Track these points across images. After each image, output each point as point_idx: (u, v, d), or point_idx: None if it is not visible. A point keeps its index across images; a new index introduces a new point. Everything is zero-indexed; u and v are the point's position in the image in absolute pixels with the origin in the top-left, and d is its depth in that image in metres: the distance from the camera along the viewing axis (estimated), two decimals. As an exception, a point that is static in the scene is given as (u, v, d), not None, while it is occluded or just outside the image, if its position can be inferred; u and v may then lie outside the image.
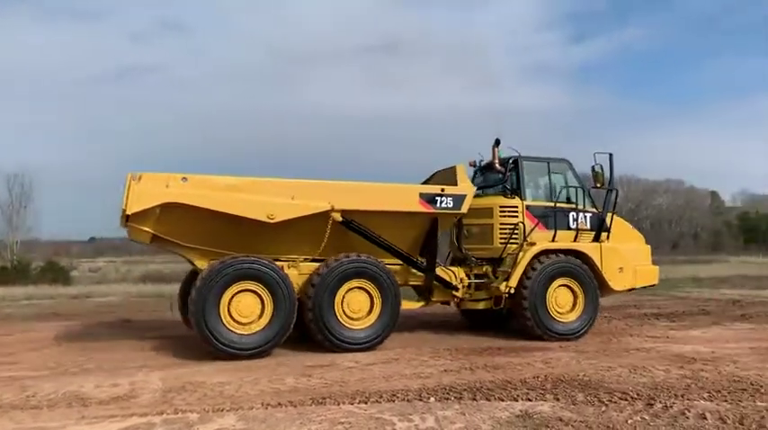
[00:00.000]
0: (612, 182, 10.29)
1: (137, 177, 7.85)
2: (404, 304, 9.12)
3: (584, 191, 10.20)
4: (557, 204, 9.94)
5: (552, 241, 9.77)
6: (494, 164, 10.11)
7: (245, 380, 6.63)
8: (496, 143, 10.08)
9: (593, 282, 9.73)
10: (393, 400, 5.77)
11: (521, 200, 9.85)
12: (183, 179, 8.03)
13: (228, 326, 7.84)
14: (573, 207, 10.04)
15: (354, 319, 8.54)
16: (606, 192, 10.30)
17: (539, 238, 9.73)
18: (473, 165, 10.74)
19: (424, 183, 10.06)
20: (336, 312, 8.41)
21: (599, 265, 9.84)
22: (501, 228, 9.80)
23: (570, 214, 10.01)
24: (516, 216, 9.78)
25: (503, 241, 9.77)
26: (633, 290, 10.77)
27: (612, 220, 10.33)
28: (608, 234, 10.19)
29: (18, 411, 5.53)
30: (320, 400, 5.76)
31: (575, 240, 9.96)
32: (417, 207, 8.99)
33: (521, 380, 6.58)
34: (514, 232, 9.74)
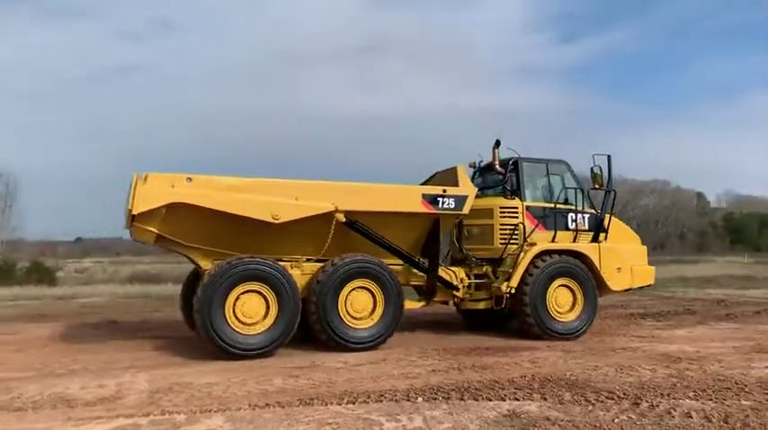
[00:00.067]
0: (611, 183, 10.38)
1: (143, 178, 7.84)
2: (405, 304, 9.13)
3: (582, 192, 10.29)
4: (556, 205, 10.01)
5: (552, 242, 9.84)
6: (494, 165, 10.17)
7: (232, 381, 6.60)
8: (496, 144, 10.13)
9: (591, 282, 9.82)
10: (381, 401, 5.77)
11: (521, 201, 9.92)
12: (188, 179, 8.02)
13: (233, 327, 7.85)
14: (572, 208, 10.11)
15: (358, 319, 8.57)
16: (605, 194, 10.39)
17: (539, 239, 9.80)
18: (472, 167, 10.80)
19: (424, 184, 10.09)
20: (340, 312, 8.43)
21: (598, 266, 9.91)
22: (501, 228, 9.86)
23: (569, 215, 10.09)
24: (516, 217, 9.85)
25: (503, 241, 9.84)
26: (630, 290, 10.87)
27: (610, 221, 10.41)
28: (606, 235, 10.28)
29: (3, 413, 5.47)
30: (308, 401, 5.74)
31: (574, 241, 10.04)
32: (420, 208, 9.01)
33: (508, 379, 6.60)
34: (515, 233, 9.80)
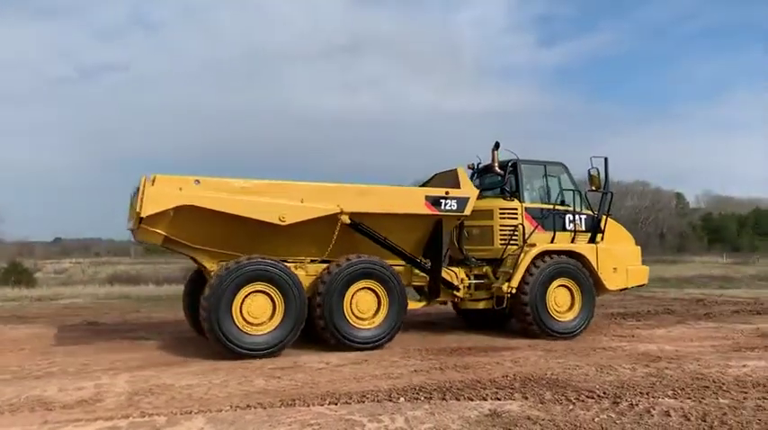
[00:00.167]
0: (608, 185, 10.53)
1: (151, 180, 7.83)
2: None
3: (580, 193, 10.42)
4: (555, 206, 10.11)
5: (551, 243, 9.93)
6: (493, 167, 10.26)
7: (213, 383, 6.55)
8: (496, 146, 10.23)
9: (589, 282, 9.94)
10: (363, 401, 5.76)
11: (520, 202, 10.03)
12: (196, 182, 8.06)
13: (240, 327, 7.89)
14: (570, 209, 10.24)
15: (362, 319, 8.62)
16: (601, 195, 10.52)
17: (538, 240, 9.91)
18: (471, 168, 10.88)
19: (424, 186, 10.18)
20: (345, 312, 8.50)
21: (595, 266, 10.06)
22: (501, 229, 9.98)
23: (567, 216, 10.23)
24: (516, 218, 9.96)
25: (503, 242, 9.94)
26: (625, 289, 11.04)
27: (606, 222, 10.53)
28: (602, 235, 10.41)
29: (-22, 416, 5.38)
30: (290, 402, 5.72)
31: (572, 242, 10.16)
32: (423, 209, 9.10)
33: (490, 379, 6.62)
34: (514, 234, 9.91)
